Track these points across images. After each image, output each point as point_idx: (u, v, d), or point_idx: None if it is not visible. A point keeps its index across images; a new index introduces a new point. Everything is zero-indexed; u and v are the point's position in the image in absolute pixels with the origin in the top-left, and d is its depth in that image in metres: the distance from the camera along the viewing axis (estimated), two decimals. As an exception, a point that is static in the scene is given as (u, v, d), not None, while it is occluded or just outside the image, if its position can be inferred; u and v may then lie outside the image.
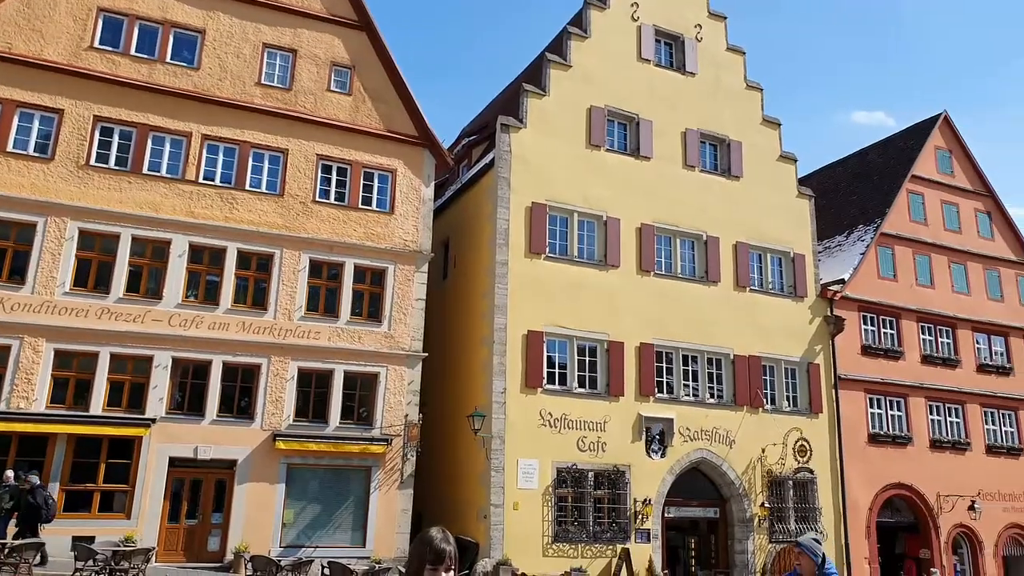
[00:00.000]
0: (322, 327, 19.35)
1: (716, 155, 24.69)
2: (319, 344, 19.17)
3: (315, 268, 19.70)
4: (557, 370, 20.77)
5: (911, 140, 29.81)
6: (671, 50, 24.77)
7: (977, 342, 27.85)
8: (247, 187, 19.42)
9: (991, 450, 26.87)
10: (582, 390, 20.84)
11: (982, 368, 27.53)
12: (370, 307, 20.12)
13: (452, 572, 2.91)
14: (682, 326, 22.31)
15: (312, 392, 19.17)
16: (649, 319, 21.89)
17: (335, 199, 20.24)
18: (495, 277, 20.42)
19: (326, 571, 16.37)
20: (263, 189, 19.61)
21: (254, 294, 19.17)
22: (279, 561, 16.36)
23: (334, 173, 20.40)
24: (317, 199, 20.00)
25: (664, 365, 22.07)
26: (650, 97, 23.63)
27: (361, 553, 18.23)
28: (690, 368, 22.47)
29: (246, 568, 16.61)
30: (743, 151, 24.80)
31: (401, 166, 20.96)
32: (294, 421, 18.71)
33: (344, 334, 19.51)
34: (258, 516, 17.90)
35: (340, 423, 19.10)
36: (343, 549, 18.20)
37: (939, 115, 29.48)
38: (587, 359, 21.16)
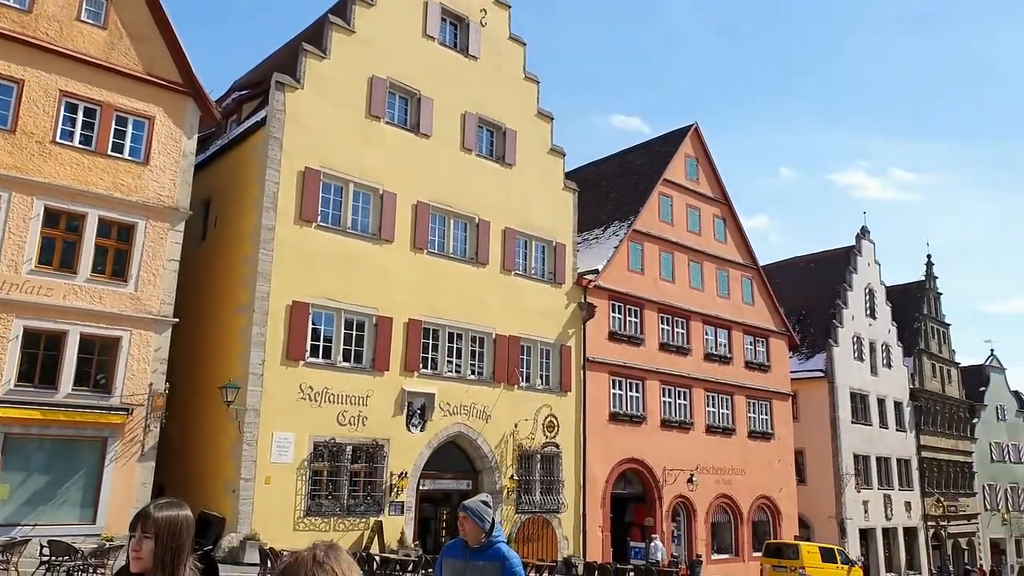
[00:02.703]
0: (56, 283, 17.33)
1: (492, 141, 25.39)
2: (51, 302, 17.15)
3: (51, 217, 17.57)
4: (322, 343, 20.34)
5: (666, 146, 32.63)
6: (456, 31, 25.02)
7: (706, 333, 31.22)
8: (-31, 117, 16.85)
9: (709, 429, 30.33)
10: (347, 364, 20.61)
11: (708, 357, 30.94)
12: (115, 265, 18.32)
13: (150, 540, 2.73)
14: (450, 304, 22.79)
15: (40, 355, 17.14)
16: (419, 296, 22.11)
17: (80, 142, 18.16)
18: (260, 242, 19.52)
19: (46, 551, 14.81)
20: (-10, 122, 17.11)
21: (-28, 241, 16.74)
22: (-13, 542, 14.52)
23: (80, 113, 18.27)
24: (58, 140, 17.81)
25: (430, 342, 22.43)
26: (433, 75, 23.73)
27: (90, 530, 16.72)
28: (455, 345, 23.04)
29: (-57, 551, 14.56)
30: (517, 140, 25.72)
31: (160, 114, 19.25)
32: (16, 386, 16.61)
33: (83, 293, 17.64)
34: (-37, 493, 15.76)
35: (73, 390, 17.26)
36: (69, 527, 16.54)
37: (691, 126, 32.52)
38: (354, 333, 20.94)
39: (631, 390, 27.88)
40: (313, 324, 20.22)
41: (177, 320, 18.85)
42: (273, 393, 19.07)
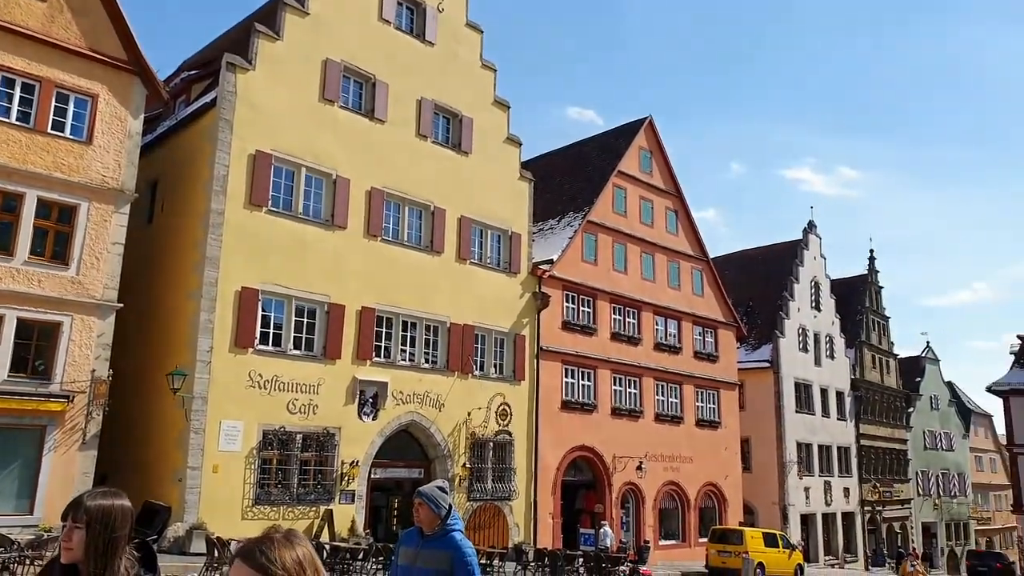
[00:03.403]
0: (-8, 266, 16.65)
1: (448, 128, 25.17)
2: (-13, 285, 16.48)
3: (-13, 197, 16.86)
4: (272, 330, 19.97)
5: (621, 139, 32.79)
6: (412, 16, 24.70)
7: (656, 324, 31.58)
8: (-102, 90, 16.03)
9: (658, 418, 30.74)
10: (297, 352, 20.29)
11: (658, 346, 31.31)
12: (56, 247, 17.64)
13: (81, 530, 2.62)
14: (404, 292, 22.59)
15: (-26, 340, 16.48)
16: (372, 283, 21.86)
17: (18, 119, 17.39)
18: (208, 227, 19.04)
19: (-20, 544, 14.27)
20: (-79, 95, 16.30)
21: (-99, 220, 15.96)
22: (-85, 536, 13.92)
23: (18, 89, 17.49)
24: (-6, 116, 17.07)
25: (384, 330, 22.21)
26: (388, 60, 23.40)
27: (27, 521, 16.16)
28: (408, 334, 22.86)
29: None
30: (473, 128, 25.55)
31: (105, 92, 18.56)
32: (-52, 373, 15.96)
33: (20, 276, 16.96)
34: None
35: (9, 376, 16.62)
36: (5, 517, 15.93)
37: (645, 119, 32.73)
38: (305, 320, 20.60)
39: (583, 379, 28.07)
40: (263, 311, 19.84)
41: (121, 305, 18.27)
42: (221, 381, 18.67)
